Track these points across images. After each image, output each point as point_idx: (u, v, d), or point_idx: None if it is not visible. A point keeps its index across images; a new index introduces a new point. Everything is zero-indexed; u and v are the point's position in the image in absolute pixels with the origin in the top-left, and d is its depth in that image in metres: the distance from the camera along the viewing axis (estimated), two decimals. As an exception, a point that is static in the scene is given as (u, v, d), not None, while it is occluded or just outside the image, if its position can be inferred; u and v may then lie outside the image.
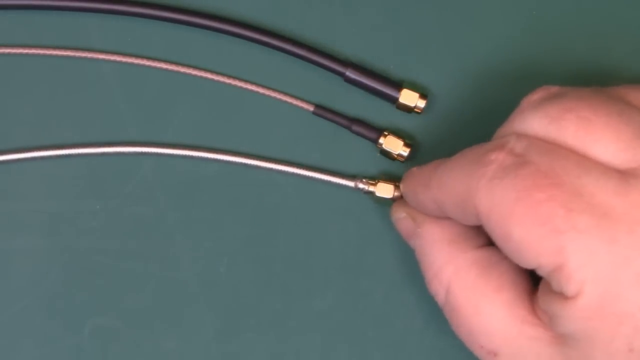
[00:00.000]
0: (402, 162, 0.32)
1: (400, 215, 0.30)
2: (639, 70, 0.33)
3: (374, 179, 0.32)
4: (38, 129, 0.33)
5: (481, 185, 0.25)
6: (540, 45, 0.33)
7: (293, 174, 0.32)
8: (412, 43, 0.33)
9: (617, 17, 0.33)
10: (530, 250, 0.24)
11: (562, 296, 0.24)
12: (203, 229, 0.33)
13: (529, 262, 0.24)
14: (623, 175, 0.24)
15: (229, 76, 0.33)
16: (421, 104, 0.32)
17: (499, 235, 0.25)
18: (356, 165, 0.33)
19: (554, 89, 0.27)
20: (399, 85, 0.32)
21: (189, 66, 0.33)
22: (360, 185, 0.32)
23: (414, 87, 0.32)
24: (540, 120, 0.25)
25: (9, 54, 0.33)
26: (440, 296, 0.28)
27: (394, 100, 0.32)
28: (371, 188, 0.32)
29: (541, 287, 0.26)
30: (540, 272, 0.24)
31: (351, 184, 0.32)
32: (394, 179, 0.32)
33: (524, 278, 0.27)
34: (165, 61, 0.33)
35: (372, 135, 0.32)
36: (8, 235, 0.32)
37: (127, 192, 0.33)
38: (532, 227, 0.23)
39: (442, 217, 0.28)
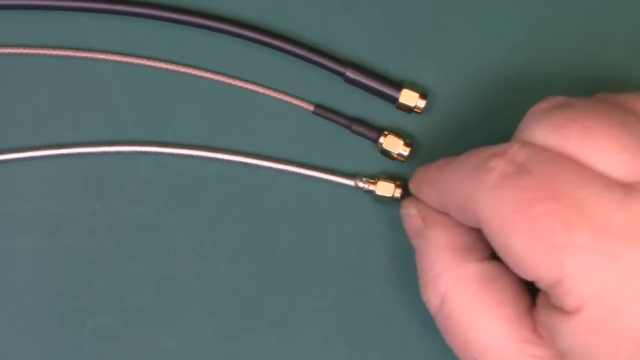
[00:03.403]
0: (403, 161, 0.32)
1: (410, 212, 0.30)
2: None
3: (374, 178, 0.32)
4: (38, 129, 0.33)
5: (482, 193, 0.24)
6: (541, 46, 0.33)
7: (293, 174, 0.32)
8: (412, 43, 0.33)
9: (619, 18, 0.33)
10: (529, 263, 0.24)
11: (561, 311, 0.23)
12: (203, 229, 0.33)
13: (528, 275, 0.24)
14: (626, 188, 0.23)
15: (229, 76, 0.33)
16: (421, 104, 0.32)
17: (498, 244, 0.24)
18: (356, 165, 0.33)
19: (561, 98, 0.27)
20: (399, 85, 0.32)
21: (189, 66, 0.33)
22: (360, 184, 0.32)
23: (414, 87, 0.32)
24: (545, 129, 0.25)
25: (9, 54, 0.33)
26: (433, 303, 0.28)
27: (394, 100, 0.32)
28: (371, 187, 0.32)
29: (540, 300, 0.25)
30: (539, 285, 0.24)
31: (351, 182, 0.32)
32: (394, 178, 0.32)
33: (525, 294, 0.27)
34: (165, 61, 0.33)
35: (372, 134, 0.32)
36: (8, 235, 0.32)
37: (127, 192, 0.33)
38: (531, 240, 0.23)
39: (453, 221, 0.28)
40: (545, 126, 0.25)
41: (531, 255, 0.23)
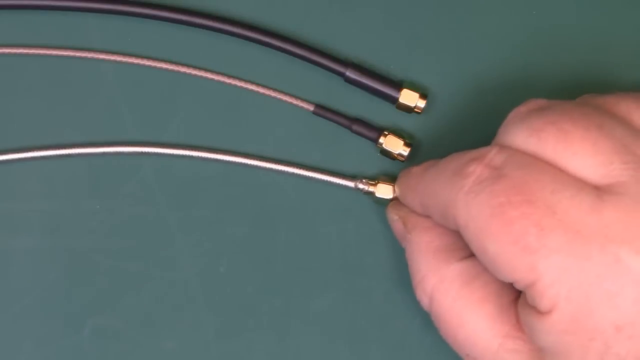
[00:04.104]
0: (403, 161, 0.32)
1: (393, 217, 0.31)
2: None
3: (374, 179, 0.32)
4: (38, 129, 0.33)
5: (459, 197, 0.25)
6: (541, 46, 0.33)
7: (293, 174, 0.32)
8: (412, 43, 0.33)
9: (619, 19, 0.33)
10: (504, 266, 0.24)
11: (536, 310, 0.24)
12: (203, 229, 0.33)
13: (505, 277, 0.24)
14: (599, 191, 0.24)
15: (229, 76, 0.33)
16: (421, 104, 0.32)
17: (476, 248, 0.25)
18: (356, 165, 0.33)
19: (542, 101, 0.27)
20: (399, 85, 0.32)
21: (189, 66, 0.33)
22: (360, 186, 0.32)
23: (414, 87, 0.32)
24: (523, 132, 0.26)
25: (9, 54, 0.33)
26: (424, 303, 0.28)
27: (394, 100, 0.32)
28: (371, 188, 0.32)
29: (521, 299, 0.26)
30: (516, 287, 0.25)
31: (351, 184, 0.32)
32: (394, 180, 0.32)
33: (508, 289, 0.27)
34: (165, 61, 0.33)
35: (373, 134, 0.32)
36: (8, 235, 0.32)
37: (127, 192, 0.33)
38: (506, 244, 0.24)
39: (432, 223, 0.29)
40: (523, 130, 0.26)
41: (506, 258, 0.24)
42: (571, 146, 0.24)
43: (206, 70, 0.33)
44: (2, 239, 0.32)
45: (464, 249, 0.28)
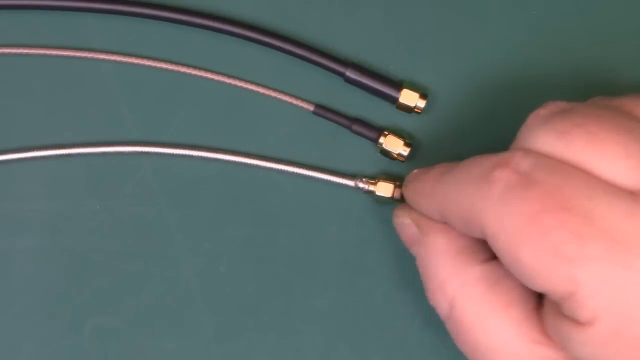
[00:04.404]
0: (403, 161, 0.32)
1: (404, 221, 0.29)
2: None
3: (374, 178, 0.32)
4: (38, 129, 0.33)
5: (487, 206, 0.24)
6: (541, 46, 0.33)
7: (293, 174, 0.32)
8: (412, 43, 0.33)
9: (619, 18, 0.33)
10: (540, 276, 0.23)
11: (574, 321, 0.23)
12: (203, 229, 0.33)
13: (539, 287, 0.23)
14: (633, 196, 0.23)
15: (229, 76, 0.33)
16: (421, 104, 0.32)
17: (507, 258, 0.24)
18: (356, 165, 0.33)
19: (562, 104, 0.26)
20: (399, 85, 0.32)
21: (189, 66, 0.33)
22: (360, 185, 0.32)
23: (414, 87, 0.32)
24: (547, 135, 0.24)
25: (9, 54, 0.33)
26: (442, 309, 0.27)
27: (394, 100, 0.32)
28: (371, 187, 0.32)
29: (548, 308, 0.25)
30: (551, 297, 0.24)
31: (351, 183, 0.32)
32: (394, 179, 0.32)
33: (530, 294, 0.26)
34: (165, 61, 0.33)
35: (373, 134, 0.32)
36: (8, 235, 0.32)
37: (127, 192, 0.33)
38: (542, 254, 0.23)
39: (445, 224, 0.27)
40: (547, 133, 0.24)
41: (542, 268, 0.23)
42: (602, 149, 0.23)
43: (206, 70, 0.33)
44: (2, 239, 0.32)
45: (484, 250, 0.27)
